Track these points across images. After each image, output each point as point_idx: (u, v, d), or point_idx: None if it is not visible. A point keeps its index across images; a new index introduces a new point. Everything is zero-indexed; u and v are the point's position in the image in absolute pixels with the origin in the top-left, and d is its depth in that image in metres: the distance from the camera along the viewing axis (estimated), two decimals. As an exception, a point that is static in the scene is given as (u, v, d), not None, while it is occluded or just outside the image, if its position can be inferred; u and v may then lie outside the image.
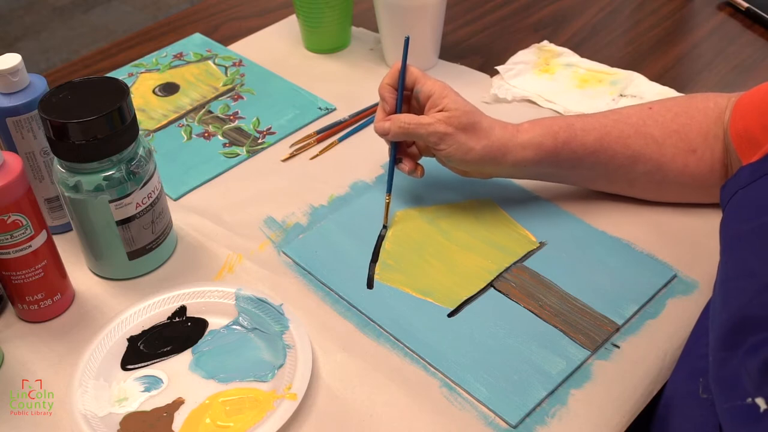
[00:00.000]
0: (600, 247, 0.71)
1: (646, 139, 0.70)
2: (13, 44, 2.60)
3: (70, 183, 0.65)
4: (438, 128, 0.69)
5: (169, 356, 0.63)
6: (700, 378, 0.56)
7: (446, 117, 0.69)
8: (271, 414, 0.57)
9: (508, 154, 0.70)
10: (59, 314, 0.68)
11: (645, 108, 0.73)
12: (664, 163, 0.71)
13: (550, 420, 0.58)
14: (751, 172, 0.54)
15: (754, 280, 0.49)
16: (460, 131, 0.69)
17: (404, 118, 0.71)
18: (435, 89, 0.70)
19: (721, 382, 0.50)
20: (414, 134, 0.71)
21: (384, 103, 0.73)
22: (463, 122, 0.69)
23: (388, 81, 0.73)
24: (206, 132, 0.88)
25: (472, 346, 0.63)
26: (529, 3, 1.13)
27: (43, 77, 0.69)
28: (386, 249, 0.72)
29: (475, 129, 0.69)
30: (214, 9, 1.14)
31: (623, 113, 0.73)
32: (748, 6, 1.06)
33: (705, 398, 0.54)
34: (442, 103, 0.70)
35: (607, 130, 0.71)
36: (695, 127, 0.70)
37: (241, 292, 0.66)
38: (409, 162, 0.74)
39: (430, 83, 0.71)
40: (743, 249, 0.52)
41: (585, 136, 0.70)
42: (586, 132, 0.71)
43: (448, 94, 0.70)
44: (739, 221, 0.54)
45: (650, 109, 0.72)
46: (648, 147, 0.70)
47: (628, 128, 0.71)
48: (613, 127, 0.71)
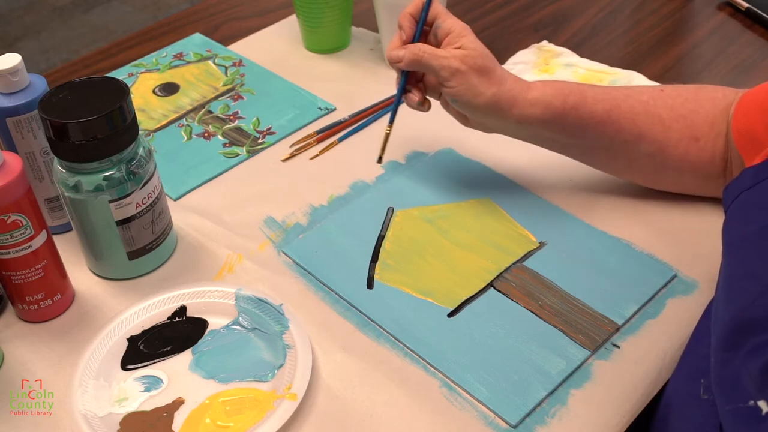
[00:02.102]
0: (600, 247, 0.71)
1: (654, 119, 0.70)
2: (13, 44, 2.60)
3: (70, 183, 0.65)
4: (452, 63, 0.68)
5: (169, 356, 0.63)
6: (702, 379, 0.56)
7: (462, 55, 0.69)
8: (271, 414, 0.57)
9: (515, 108, 0.69)
10: (59, 314, 0.68)
11: (657, 89, 0.73)
12: (667, 146, 0.70)
13: (550, 420, 0.58)
14: (755, 173, 0.54)
15: (756, 281, 0.49)
16: (473, 71, 0.68)
17: (420, 46, 0.70)
18: (455, 27, 0.70)
19: (723, 383, 0.50)
20: (427, 65, 0.70)
21: (401, 31, 0.72)
22: (478, 63, 0.69)
23: (411, 11, 0.72)
24: (206, 132, 0.88)
25: (472, 346, 0.63)
26: (529, 3, 1.12)
27: (43, 77, 0.69)
28: (386, 249, 0.72)
29: (488, 73, 0.69)
30: (214, 9, 1.14)
31: (635, 89, 0.72)
32: (748, 6, 1.06)
33: (706, 399, 0.54)
34: (460, 41, 0.69)
35: (617, 103, 0.70)
36: (702, 114, 0.70)
37: (241, 292, 0.66)
38: (419, 93, 0.73)
39: (451, 21, 0.71)
40: (746, 251, 0.52)
41: (594, 105, 0.70)
42: (596, 100, 0.70)
43: (467, 34, 0.70)
44: (742, 223, 0.54)
45: (662, 91, 0.72)
46: (654, 127, 0.70)
47: (638, 105, 0.70)
48: (623, 101, 0.70)
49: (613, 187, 0.77)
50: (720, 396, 0.50)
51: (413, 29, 0.72)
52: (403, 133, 0.85)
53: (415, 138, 0.84)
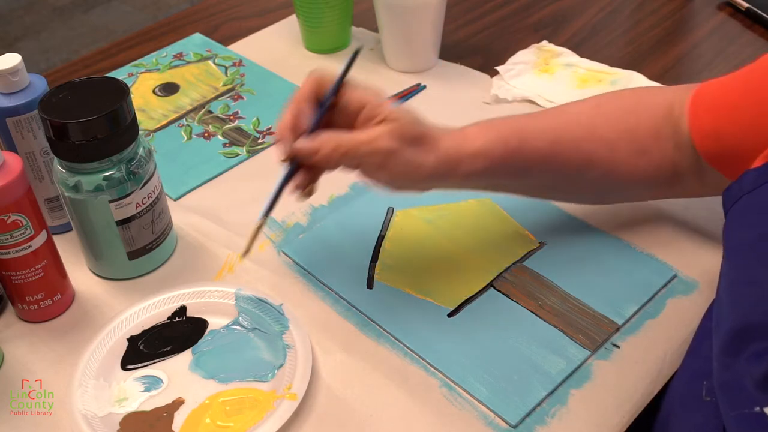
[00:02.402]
0: (600, 247, 0.71)
1: (599, 142, 0.65)
2: (13, 44, 2.60)
3: (70, 183, 0.65)
4: (382, 144, 0.57)
5: (169, 356, 0.63)
6: (704, 380, 0.55)
7: (390, 129, 0.57)
8: (271, 414, 0.57)
9: (460, 166, 0.61)
10: (59, 314, 0.68)
11: (593, 106, 0.67)
12: (615, 166, 0.66)
13: (550, 420, 0.58)
14: (756, 176, 0.53)
15: (757, 287, 0.48)
16: (408, 145, 0.58)
17: (336, 138, 0.57)
18: (368, 97, 0.59)
19: (726, 388, 0.49)
20: (351, 155, 0.58)
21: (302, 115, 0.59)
22: (410, 134, 0.58)
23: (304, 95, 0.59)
24: (206, 132, 0.88)
25: (472, 346, 0.63)
26: (529, 3, 1.12)
27: (43, 77, 0.69)
28: (386, 249, 0.72)
29: (423, 140, 0.59)
30: (214, 9, 1.14)
31: (572, 112, 0.67)
32: (748, 6, 1.06)
33: (708, 401, 0.54)
34: (381, 112, 0.58)
35: (558, 134, 0.65)
36: (644, 126, 0.65)
37: (241, 292, 0.66)
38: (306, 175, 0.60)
39: (360, 91, 0.60)
40: (747, 256, 0.51)
41: (536, 141, 0.64)
42: (537, 136, 0.64)
43: (385, 101, 0.59)
44: (743, 228, 0.53)
45: (598, 107, 0.67)
46: (599, 152, 0.65)
47: (580, 130, 0.65)
48: (564, 129, 0.65)
49: (613, 187, 0.77)
50: (724, 401, 0.50)
51: (312, 117, 0.59)
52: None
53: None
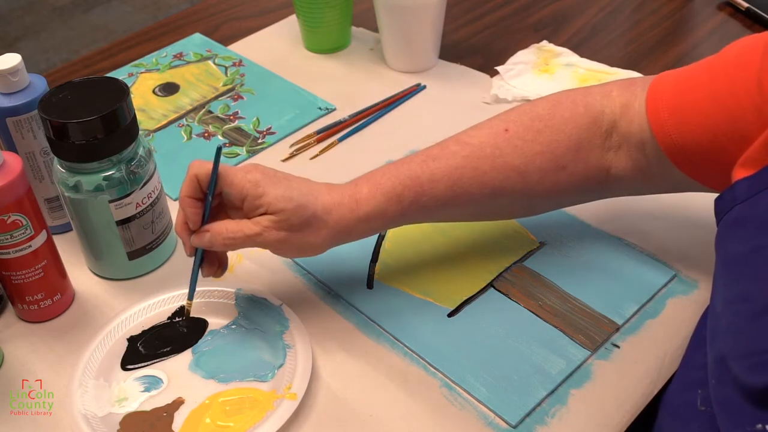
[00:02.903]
0: (600, 247, 0.71)
1: (506, 171, 0.62)
2: (13, 44, 2.60)
3: (70, 183, 0.65)
4: (269, 236, 0.58)
5: (169, 356, 0.63)
6: (698, 390, 0.55)
7: (274, 222, 0.58)
8: (271, 414, 0.57)
9: (354, 233, 0.62)
10: (59, 314, 0.68)
11: (500, 131, 0.63)
12: (529, 189, 0.63)
13: (550, 420, 0.58)
14: (749, 186, 0.52)
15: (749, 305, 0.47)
16: (295, 232, 0.59)
17: (226, 230, 0.59)
18: (246, 188, 0.58)
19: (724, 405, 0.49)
20: (243, 244, 0.59)
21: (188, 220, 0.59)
22: (295, 222, 0.58)
23: (188, 193, 0.59)
24: (206, 132, 0.88)
25: (472, 346, 0.63)
26: (529, 3, 1.13)
27: (43, 77, 0.69)
28: (386, 249, 0.72)
29: (310, 223, 0.59)
30: (214, 9, 1.14)
31: (475, 145, 0.63)
32: (748, 6, 1.06)
33: (703, 410, 0.53)
34: (261, 204, 0.58)
35: (458, 174, 0.62)
36: (564, 142, 0.62)
37: (241, 292, 0.66)
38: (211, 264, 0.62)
39: (238, 182, 0.58)
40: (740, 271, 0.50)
41: (434, 188, 0.62)
42: (434, 183, 0.62)
43: (264, 190, 0.58)
44: (735, 240, 0.52)
45: (506, 132, 0.63)
46: (509, 179, 0.62)
47: (483, 163, 0.62)
48: (464, 167, 0.62)
49: (613, 187, 0.77)
50: (724, 419, 0.49)
51: (200, 213, 0.59)
52: (403, 134, 0.85)
53: (414, 138, 0.84)
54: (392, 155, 0.83)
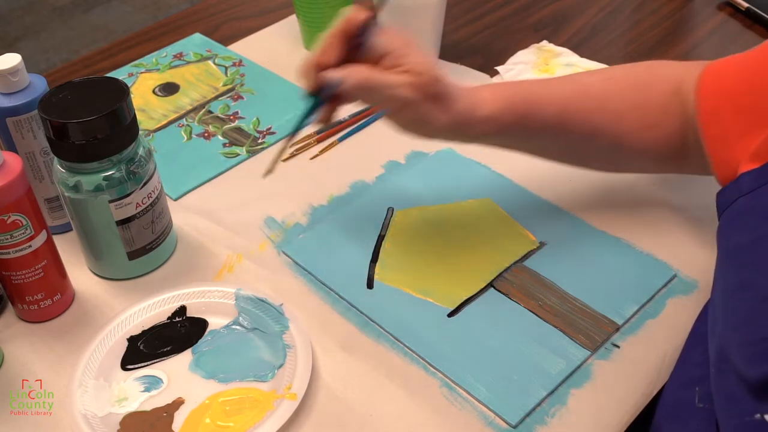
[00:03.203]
0: (600, 247, 0.71)
1: (607, 114, 0.67)
2: (13, 44, 2.60)
3: (70, 183, 0.65)
4: (403, 93, 0.58)
5: (169, 356, 0.63)
6: (697, 387, 0.55)
7: (413, 82, 0.58)
8: (271, 414, 0.57)
9: (470, 129, 0.64)
10: (59, 314, 0.68)
11: (605, 78, 0.69)
12: (623, 138, 0.67)
13: (550, 420, 0.58)
14: (753, 178, 0.53)
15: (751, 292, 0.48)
16: (425, 100, 0.59)
17: (365, 71, 0.58)
18: (394, 44, 0.59)
19: (723, 395, 0.49)
20: (373, 93, 0.59)
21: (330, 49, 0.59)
22: (432, 91, 0.59)
23: (343, 27, 0.59)
24: (206, 132, 0.88)
25: (472, 346, 0.63)
26: (529, 3, 1.13)
27: (43, 77, 0.69)
28: (386, 249, 0.72)
29: (441, 99, 0.60)
30: (214, 9, 1.14)
31: (584, 83, 0.68)
32: (748, 6, 1.06)
33: (702, 407, 0.54)
34: (404, 63, 0.58)
35: (568, 104, 0.66)
36: (655, 100, 0.67)
37: (241, 292, 0.66)
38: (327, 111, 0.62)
39: (387, 37, 0.59)
40: (742, 260, 0.51)
41: (545, 109, 0.65)
42: (546, 104, 0.66)
43: (411, 51, 0.59)
44: (738, 231, 0.52)
45: (612, 80, 0.68)
46: (608, 122, 0.67)
47: (590, 102, 0.67)
48: (574, 100, 0.67)
49: (613, 187, 0.77)
50: (722, 409, 0.49)
51: (344, 50, 0.59)
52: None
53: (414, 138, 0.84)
54: (392, 155, 0.83)
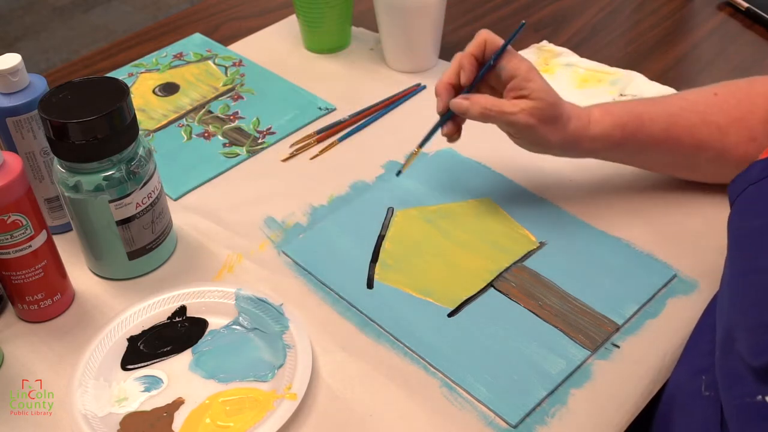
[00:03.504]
0: (600, 247, 0.71)
1: (711, 127, 0.70)
2: (13, 44, 2.60)
3: (70, 183, 0.65)
4: (521, 119, 0.66)
5: (169, 356, 0.63)
6: (703, 375, 0.56)
7: (531, 107, 0.66)
8: (271, 414, 0.57)
9: (579, 146, 0.70)
10: (59, 314, 0.68)
11: (710, 94, 0.72)
12: (726, 151, 0.70)
13: (550, 420, 0.58)
14: (763, 167, 0.54)
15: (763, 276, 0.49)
16: (542, 123, 0.67)
17: (485, 101, 0.67)
18: (520, 70, 0.67)
19: (727, 376, 0.50)
20: (495, 120, 0.68)
21: (462, 72, 0.69)
22: (547, 115, 0.67)
23: (473, 50, 0.68)
24: (206, 132, 0.88)
25: (472, 346, 0.63)
26: (529, 3, 1.13)
27: (43, 77, 0.69)
28: (386, 249, 0.72)
29: (555, 121, 0.67)
30: (214, 9, 1.14)
31: (689, 100, 0.72)
32: (748, 6, 1.06)
33: (708, 395, 0.54)
34: (526, 87, 0.66)
35: (674, 120, 0.70)
36: (757, 114, 0.69)
37: (241, 292, 0.66)
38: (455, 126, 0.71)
39: (516, 62, 0.67)
40: (752, 245, 0.52)
41: (652, 126, 0.70)
42: (653, 121, 0.70)
43: (533, 77, 0.67)
44: (749, 217, 0.53)
45: (715, 96, 0.71)
46: (712, 136, 0.70)
47: (695, 116, 0.70)
48: (680, 116, 0.70)
49: (613, 187, 0.77)
50: (725, 390, 0.50)
51: (475, 73, 0.69)
52: (403, 134, 0.85)
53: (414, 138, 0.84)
54: (392, 155, 0.83)
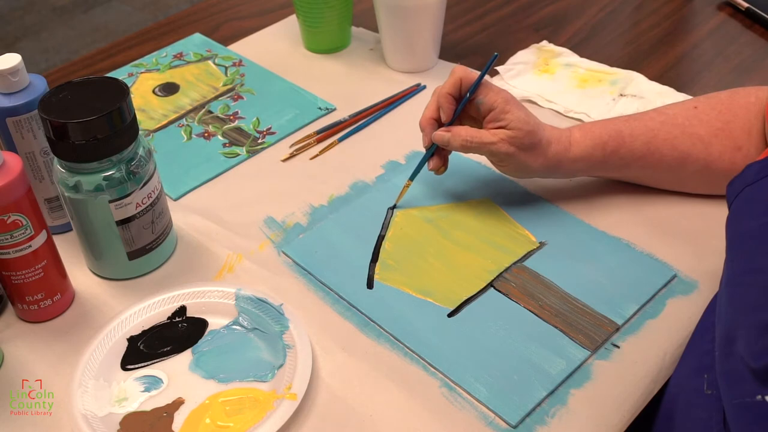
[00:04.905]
0: (600, 247, 0.71)
1: (693, 138, 0.71)
2: (13, 44, 2.60)
3: (70, 183, 0.65)
4: (500, 148, 0.69)
5: (169, 356, 0.63)
6: (705, 374, 0.56)
7: (509, 137, 0.69)
8: (271, 414, 0.57)
9: (562, 168, 0.72)
10: (59, 314, 0.68)
11: (690, 107, 0.73)
12: (712, 162, 0.71)
13: (550, 420, 0.58)
14: (759, 169, 0.54)
15: (760, 276, 0.49)
16: (521, 151, 0.69)
17: (465, 133, 0.70)
18: (497, 103, 0.69)
19: (728, 376, 0.50)
20: (475, 150, 0.71)
21: (441, 111, 0.72)
22: (525, 143, 0.69)
23: (449, 90, 0.71)
24: (206, 132, 0.88)
25: (472, 346, 0.63)
26: (529, 3, 1.13)
27: (43, 77, 0.69)
28: (386, 249, 0.72)
29: (534, 148, 0.70)
30: (214, 9, 1.14)
31: (669, 114, 0.73)
32: (748, 6, 1.06)
33: (710, 394, 0.55)
34: (504, 119, 0.69)
35: (654, 134, 0.71)
36: (739, 123, 0.70)
37: (241, 292, 0.66)
38: (439, 160, 0.74)
39: (492, 96, 0.70)
40: (750, 246, 0.52)
41: (633, 142, 0.71)
42: (633, 138, 0.71)
43: (510, 108, 0.69)
44: (746, 218, 0.54)
45: (695, 108, 0.72)
46: (695, 147, 0.71)
47: (675, 129, 0.71)
48: (660, 129, 0.71)
49: (613, 187, 0.77)
50: (726, 390, 0.50)
51: (453, 110, 0.71)
52: (403, 134, 0.85)
53: (415, 138, 0.84)
54: (392, 155, 0.83)
